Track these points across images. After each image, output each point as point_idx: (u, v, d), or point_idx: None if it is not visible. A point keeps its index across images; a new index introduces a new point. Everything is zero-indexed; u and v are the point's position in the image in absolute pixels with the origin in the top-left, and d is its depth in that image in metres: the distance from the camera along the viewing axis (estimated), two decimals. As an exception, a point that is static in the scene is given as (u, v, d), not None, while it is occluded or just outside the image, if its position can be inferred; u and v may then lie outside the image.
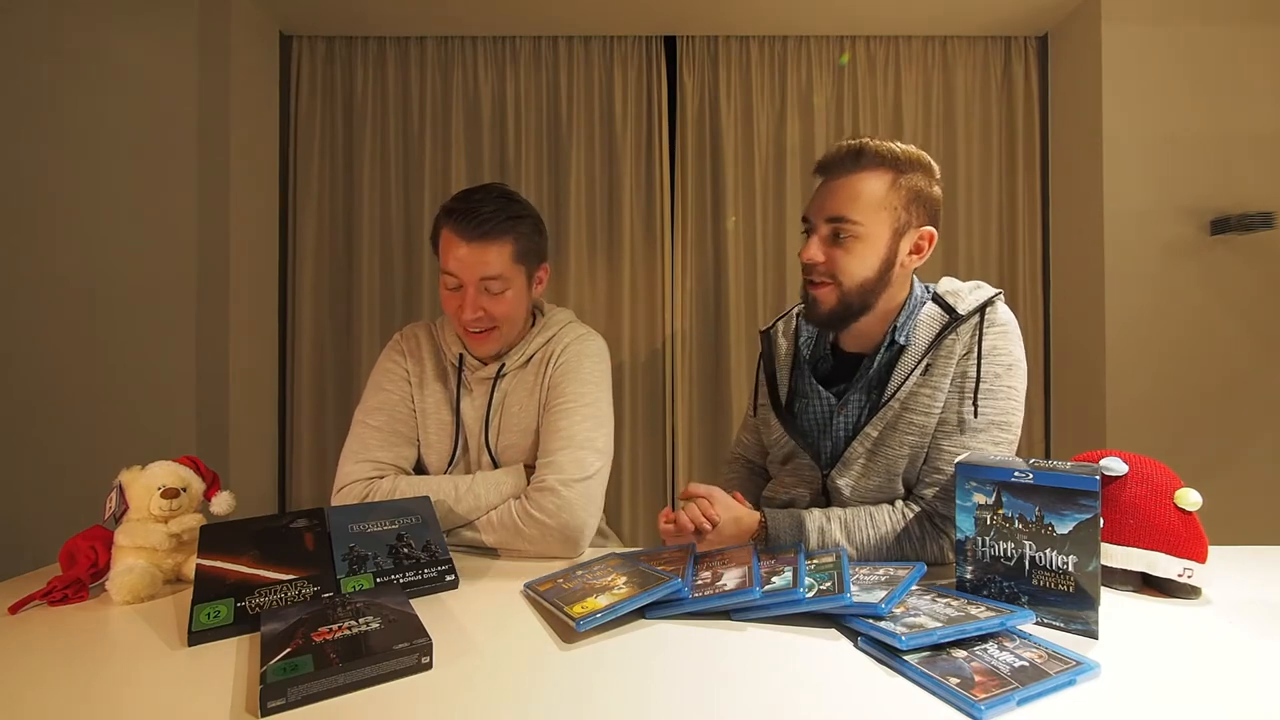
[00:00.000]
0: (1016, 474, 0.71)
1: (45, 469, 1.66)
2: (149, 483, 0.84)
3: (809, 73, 2.04)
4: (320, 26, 1.98)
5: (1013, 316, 0.92)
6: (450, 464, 1.08)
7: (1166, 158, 1.78)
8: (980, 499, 0.74)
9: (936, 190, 0.93)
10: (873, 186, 0.89)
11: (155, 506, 0.83)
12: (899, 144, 0.91)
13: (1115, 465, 0.80)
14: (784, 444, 1.03)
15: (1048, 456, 2.03)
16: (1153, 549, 0.77)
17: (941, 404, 0.89)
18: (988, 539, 0.74)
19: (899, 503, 0.92)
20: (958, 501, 0.76)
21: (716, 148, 2.04)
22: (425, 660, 0.61)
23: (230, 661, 0.63)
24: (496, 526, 0.97)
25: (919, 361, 0.89)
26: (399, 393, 1.10)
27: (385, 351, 1.15)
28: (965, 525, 0.76)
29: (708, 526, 0.91)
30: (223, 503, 0.90)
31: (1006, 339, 0.89)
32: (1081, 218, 1.90)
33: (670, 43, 2.05)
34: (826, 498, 0.98)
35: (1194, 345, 1.78)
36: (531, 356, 1.10)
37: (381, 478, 1.02)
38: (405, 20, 1.94)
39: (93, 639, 0.69)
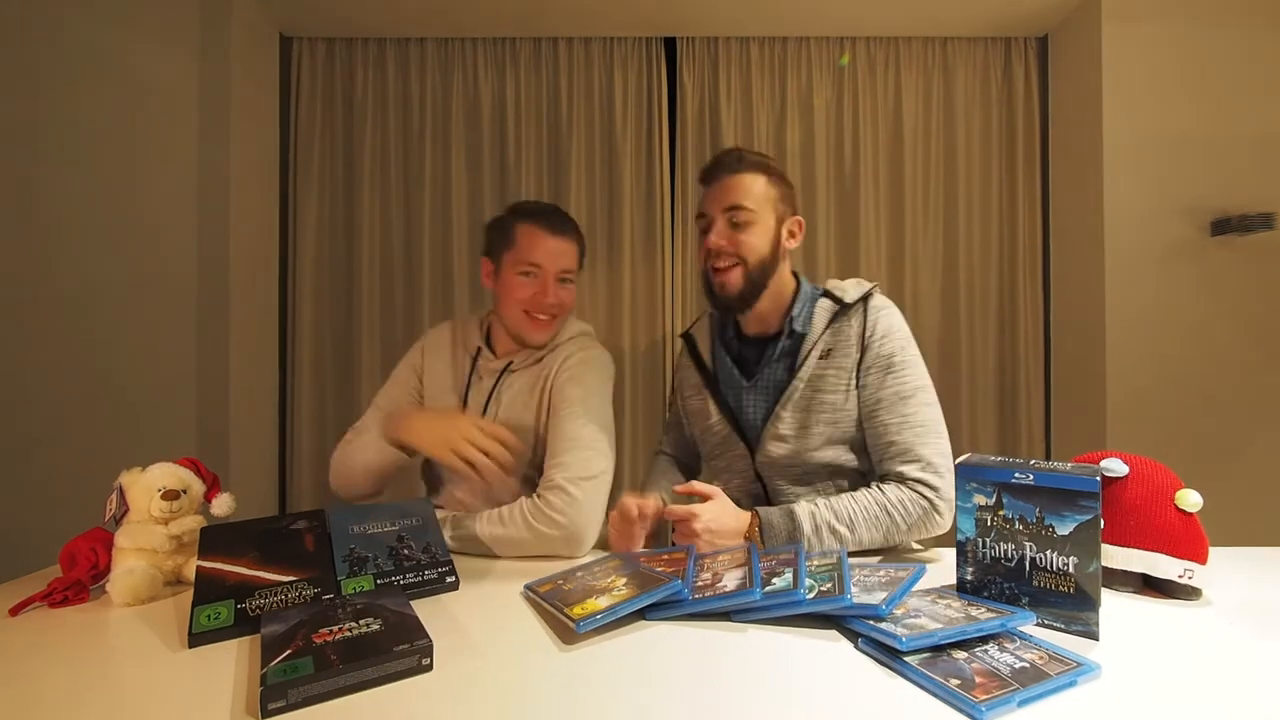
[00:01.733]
0: (1017, 475, 0.71)
1: (45, 469, 1.66)
2: (149, 484, 0.84)
3: (809, 74, 2.04)
4: (320, 28, 1.98)
5: (890, 301, 1.08)
6: None
7: (1166, 158, 1.78)
8: (980, 500, 0.74)
9: (792, 190, 1.14)
10: (756, 183, 1.08)
11: (155, 508, 0.83)
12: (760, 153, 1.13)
13: (1116, 466, 0.80)
14: (716, 429, 1.13)
15: (1048, 457, 2.02)
16: (1153, 550, 0.77)
17: (846, 383, 1.02)
18: (988, 540, 0.74)
19: (872, 484, 0.99)
20: (958, 503, 0.76)
21: (717, 149, 2.03)
22: (425, 662, 0.61)
23: (230, 663, 0.63)
24: (505, 524, 0.98)
25: (815, 343, 1.05)
26: (409, 384, 1.24)
27: (413, 346, 1.29)
28: (966, 526, 0.76)
29: (647, 510, 0.96)
30: (223, 504, 0.90)
31: (894, 317, 1.05)
32: (1081, 218, 1.90)
33: (670, 44, 2.05)
34: (762, 484, 1.09)
35: (1194, 346, 1.78)
36: (542, 357, 1.17)
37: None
38: (405, 22, 1.94)
39: (93, 641, 0.69)
